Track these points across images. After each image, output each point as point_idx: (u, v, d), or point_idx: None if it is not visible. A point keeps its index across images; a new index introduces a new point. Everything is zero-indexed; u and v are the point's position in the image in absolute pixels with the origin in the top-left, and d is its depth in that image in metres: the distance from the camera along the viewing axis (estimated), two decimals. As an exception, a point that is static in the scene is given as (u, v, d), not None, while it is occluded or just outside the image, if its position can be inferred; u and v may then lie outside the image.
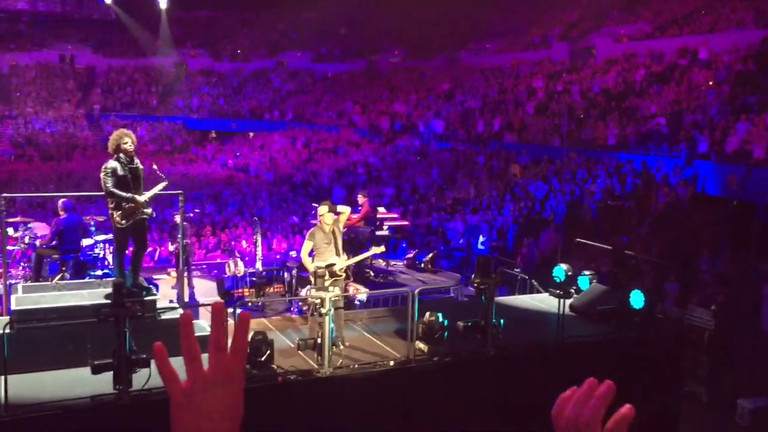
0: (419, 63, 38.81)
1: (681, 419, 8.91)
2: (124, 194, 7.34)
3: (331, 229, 8.24)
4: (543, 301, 9.90)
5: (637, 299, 8.54)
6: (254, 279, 11.93)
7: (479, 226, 17.73)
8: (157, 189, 7.79)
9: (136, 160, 7.66)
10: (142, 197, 7.50)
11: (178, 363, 1.11)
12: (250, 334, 6.79)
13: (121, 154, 7.47)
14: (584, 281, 9.80)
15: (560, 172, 20.18)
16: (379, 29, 41.12)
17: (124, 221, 7.42)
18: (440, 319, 7.53)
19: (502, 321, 7.69)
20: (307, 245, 8.23)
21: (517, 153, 23.45)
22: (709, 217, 15.74)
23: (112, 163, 7.41)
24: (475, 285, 7.87)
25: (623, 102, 23.27)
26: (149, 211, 7.67)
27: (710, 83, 21.24)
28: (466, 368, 7.60)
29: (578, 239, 11.81)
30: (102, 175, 7.39)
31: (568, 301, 9.12)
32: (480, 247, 16.56)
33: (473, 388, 7.51)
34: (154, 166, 7.92)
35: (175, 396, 1.05)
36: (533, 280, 10.67)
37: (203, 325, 7.88)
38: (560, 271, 9.78)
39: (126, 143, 7.50)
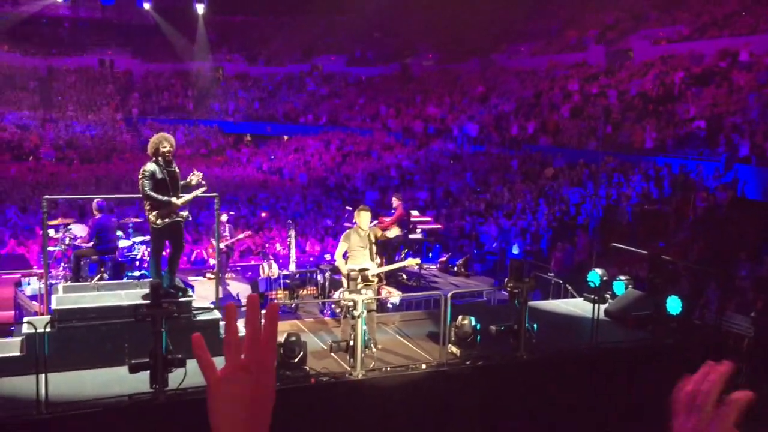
0: (453, 66, 38.72)
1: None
2: (160, 197, 7.45)
3: (366, 234, 8.26)
4: (577, 306, 9.81)
5: (674, 305, 8.41)
6: (288, 281, 12.02)
7: (513, 230, 17.63)
8: (194, 194, 7.87)
9: (174, 164, 7.78)
10: (179, 200, 7.61)
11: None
12: (283, 336, 6.86)
13: (160, 158, 7.58)
14: (620, 286, 9.69)
15: (596, 175, 19.96)
16: (413, 32, 41.12)
17: (160, 222, 7.54)
18: (473, 322, 7.51)
19: (535, 325, 7.64)
20: (341, 247, 8.27)
21: (552, 156, 23.25)
22: (749, 222, 15.41)
23: (150, 166, 7.52)
24: (509, 289, 7.83)
25: (661, 105, 22.92)
26: (185, 213, 7.78)
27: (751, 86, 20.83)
28: (498, 373, 7.56)
29: (614, 244, 11.66)
30: (140, 177, 7.51)
31: (603, 306, 9.03)
32: (514, 252, 16.46)
33: (506, 392, 7.47)
34: (196, 174, 7.95)
35: (212, 384, 1.11)
36: (567, 285, 10.57)
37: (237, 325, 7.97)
38: (595, 275, 9.68)
39: (165, 147, 7.61)
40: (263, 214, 19.69)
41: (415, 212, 14.49)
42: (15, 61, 42.91)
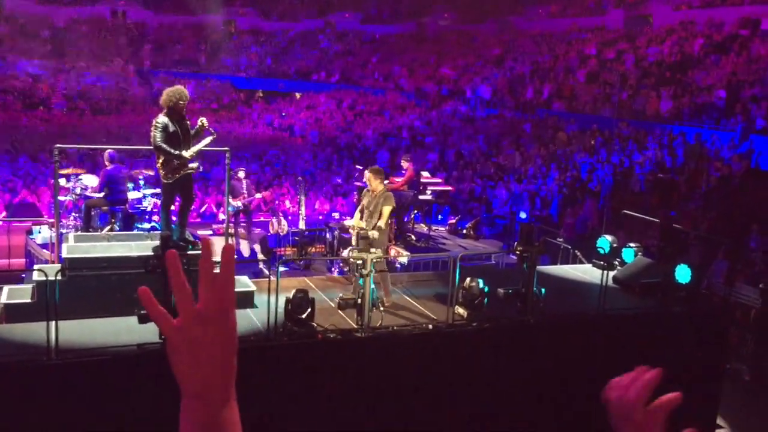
0: (469, 27, 38.18)
1: (722, 397, 8.79)
2: (171, 150, 7.40)
3: (375, 195, 8.22)
4: (586, 272, 9.80)
5: (683, 274, 8.39)
6: (297, 238, 12.04)
7: (523, 194, 17.56)
8: (204, 143, 7.79)
9: (186, 118, 7.73)
10: (188, 152, 7.58)
11: None
12: (292, 292, 6.89)
13: (173, 111, 7.53)
14: (629, 254, 9.65)
15: (609, 142, 19.77)
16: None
17: (170, 176, 7.52)
18: (481, 285, 7.51)
19: (543, 290, 7.63)
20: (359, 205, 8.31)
21: (566, 121, 23.02)
22: (762, 194, 15.29)
23: (163, 119, 7.46)
24: (518, 253, 7.81)
25: (679, 72, 22.58)
26: (195, 165, 7.76)
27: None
28: (505, 335, 7.59)
29: (625, 211, 11.59)
30: (152, 129, 7.45)
31: (612, 273, 9.01)
32: (522, 216, 16.42)
33: (511, 355, 7.51)
34: (203, 121, 7.91)
35: (169, 333, 1.07)
36: (576, 251, 10.55)
37: (246, 281, 8.02)
38: (605, 242, 9.64)
39: (181, 102, 7.55)
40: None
41: (425, 173, 14.41)
42: (28, 8, 42.56)
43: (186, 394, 1.08)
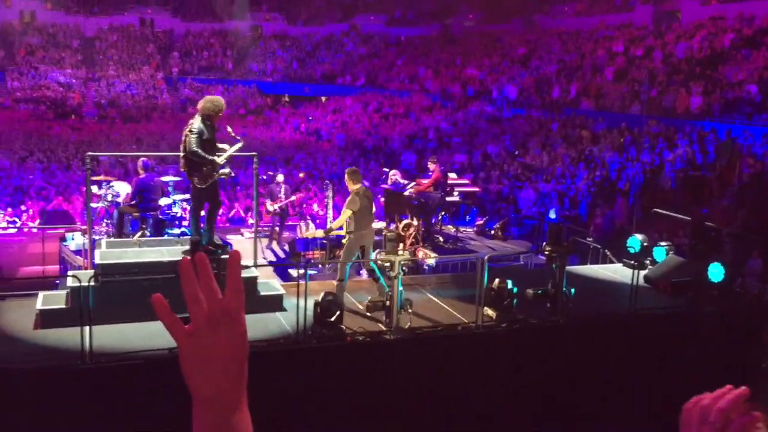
0: (494, 27, 38.03)
1: (758, 396, 8.63)
2: (206, 156, 7.53)
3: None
4: (616, 272, 9.70)
5: (716, 272, 8.26)
6: (325, 241, 12.08)
7: (551, 194, 17.43)
8: (233, 150, 7.93)
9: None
10: (221, 158, 7.70)
11: (246, 321, 1.12)
12: (320, 295, 6.92)
13: (209, 119, 7.65)
14: (660, 252, 9.54)
15: (638, 140, 19.55)
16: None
17: (202, 181, 7.63)
18: (509, 286, 7.48)
19: (572, 290, 7.57)
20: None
21: (594, 120, 22.81)
22: (797, 190, 14.99)
23: (199, 125, 7.58)
24: (546, 253, 7.76)
25: (708, 68, 22.24)
26: (227, 170, 7.87)
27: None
28: (534, 336, 7.54)
29: (655, 209, 11.45)
30: (188, 134, 7.55)
31: (643, 272, 8.91)
32: (551, 217, 16.30)
33: (541, 355, 7.46)
34: (229, 129, 8.06)
35: (181, 341, 1.09)
36: (606, 250, 10.44)
37: (275, 284, 8.07)
38: (635, 241, 9.53)
39: (219, 112, 7.72)
40: (301, 175, 19.76)
41: (452, 175, 14.37)
42: (58, 19, 43.39)
43: (197, 399, 1.09)
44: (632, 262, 9.09)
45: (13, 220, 15.20)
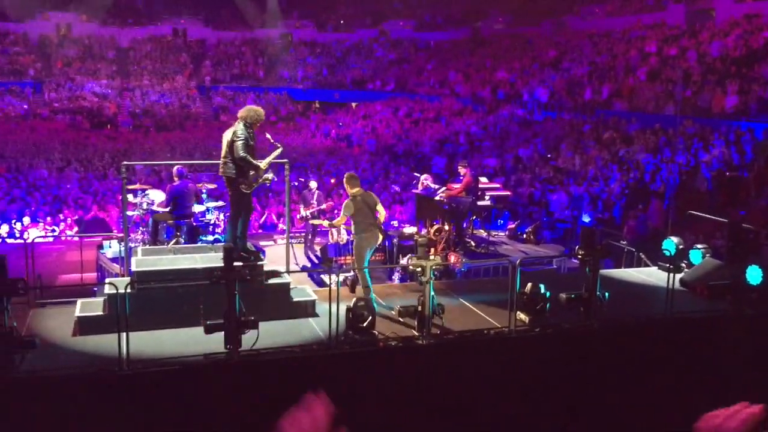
0: (524, 29, 37.83)
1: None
2: (253, 161, 7.75)
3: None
4: (651, 275, 9.57)
5: (754, 275, 8.10)
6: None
7: (584, 197, 17.26)
8: (273, 156, 8.16)
9: None
10: (264, 163, 7.93)
11: (279, 327, 1.15)
12: (352, 301, 6.94)
13: (251, 126, 7.83)
14: (696, 255, 9.39)
15: (673, 141, 19.26)
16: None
17: (248, 187, 7.83)
18: (542, 290, 7.42)
19: (606, 294, 7.49)
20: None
21: (627, 121, 22.53)
22: (839, 190, 14.63)
23: (244, 131, 7.74)
24: (579, 257, 7.69)
25: (744, 67, 21.84)
26: (270, 176, 8.08)
27: None
28: (568, 340, 7.47)
29: (691, 211, 11.27)
30: (236, 141, 7.69)
31: (678, 276, 8.78)
32: (585, 220, 16.14)
33: (575, 360, 7.39)
34: (268, 135, 8.23)
35: None
36: (641, 254, 10.31)
37: (308, 290, 8.13)
38: (671, 244, 9.40)
39: (260, 121, 7.93)
40: (332, 180, 19.85)
41: (483, 179, 14.33)
42: (94, 31, 44.25)
43: None
44: (668, 265, 8.96)
45: (52, 228, 15.53)
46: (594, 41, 31.35)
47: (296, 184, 15.18)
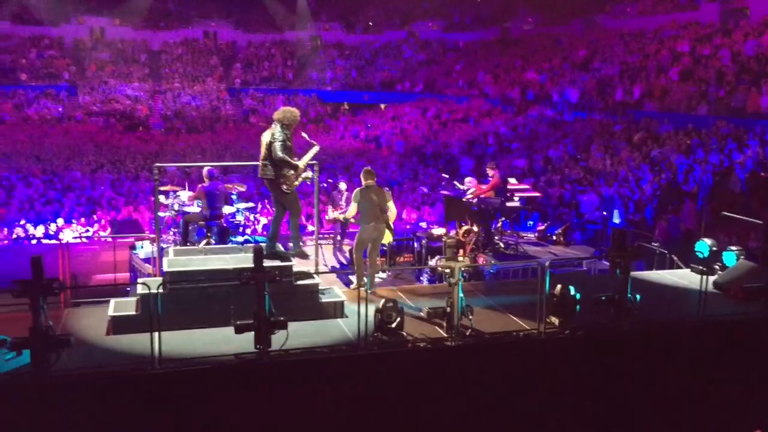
0: (554, 29, 37.52)
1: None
2: (292, 161, 7.93)
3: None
4: (683, 277, 9.44)
5: (790, 278, 7.95)
6: (385, 248, 12.14)
7: (614, 198, 17.07)
8: (311, 154, 8.35)
9: None
10: (302, 162, 8.11)
11: (308, 327, 1.16)
12: (381, 302, 6.96)
13: (287, 127, 7.99)
14: (730, 257, 9.24)
15: (706, 141, 18.97)
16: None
17: (288, 187, 7.98)
18: (572, 292, 7.37)
19: (638, 296, 7.40)
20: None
21: (659, 121, 22.25)
22: None
23: (281, 133, 7.91)
24: (610, 258, 7.61)
25: (779, 65, 21.44)
26: (309, 174, 8.28)
27: None
28: (598, 343, 7.40)
29: (724, 213, 11.10)
30: (274, 142, 7.86)
31: (712, 278, 8.65)
32: (615, 221, 15.97)
33: (605, 363, 7.32)
34: (304, 134, 8.35)
35: None
36: (673, 255, 10.18)
37: (337, 291, 8.17)
38: (704, 246, 9.27)
39: (296, 122, 8.11)
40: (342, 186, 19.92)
41: (512, 180, 14.25)
42: (126, 34, 44.93)
43: None
44: (701, 267, 8.84)
45: (86, 229, 15.80)
46: (625, 41, 31.00)
47: (325, 185, 15.24)
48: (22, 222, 15.98)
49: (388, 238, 9.49)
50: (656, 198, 16.81)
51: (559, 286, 7.44)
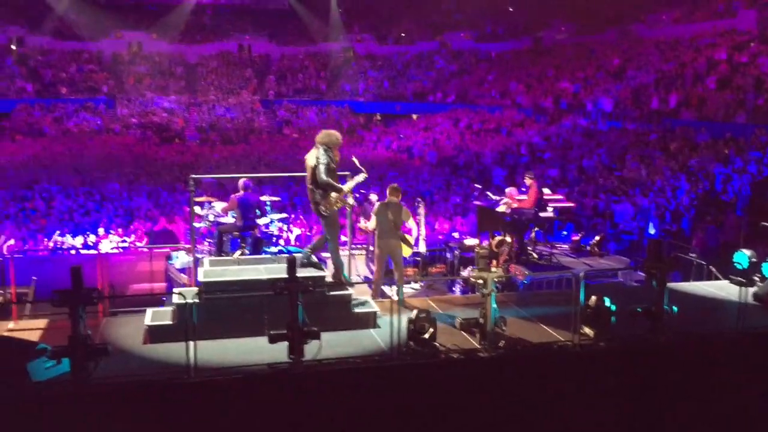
0: (588, 38, 37.24)
1: None
2: (335, 184, 8.01)
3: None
4: (722, 289, 9.27)
5: (832, 290, 7.76)
6: (418, 259, 12.15)
7: (650, 208, 16.84)
8: (356, 180, 8.39)
9: None
10: (347, 186, 8.17)
11: (341, 337, 1.17)
12: (414, 313, 6.96)
13: (330, 150, 8.07)
14: (770, 269, 9.05)
15: (744, 150, 18.63)
16: (546, 4, 39.81)
17: (328, 209, 8.01)
18: (608, 303, 7.28)
19: (674, 308, 7.29)
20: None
21: (696, 130, 21.92)
22: None
23: (324, 156, 7.98)
24: (646, 269, 7.51)
25: (821, 72, 21.01)
26: (351, 201, 8.33)
27: None
28: (634, 355, 7.30)
29: (764, 223, 10.87)
30: (318, 165, 7.95)
31: (751, 290, 8.48)
32: (651, 231, 15.74)
33: (641, 375, 7.21)
34: (354, 160, 8.40)
35: None
36: (711, 266, 10.00)
37: (370, 301, 8.19)
38: (743, 257, 9.09)
39: (338, 145, 8.23)
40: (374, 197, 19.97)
41: (546, 190, 14.15)
42: (163, 48, 45.77)
43: None
44: (739, 278, 8.67)
45: (123, 239, 16.07)
46: (661, 49, 30.65)
47: (357, 195, 15.31)
48: (56, 233, 16.27)
49: (407, 251, 9.85)
50: (693, 208, 16.55)
51: (594, 297, 7.36)
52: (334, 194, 8.03)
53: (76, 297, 6.05)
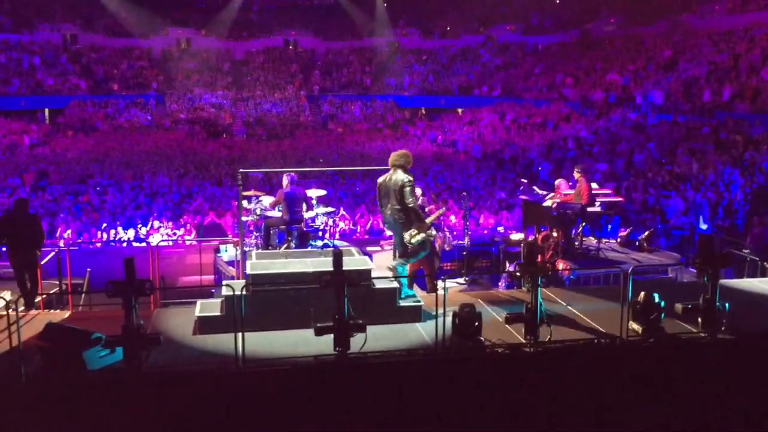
0: (638, 29, 36.48)
1: None
2: (421, 214, 8.17)
3: None
4: (776, 286, 9.03)
5: None
6: (463, 253, 12.12)
7: (702, 203, 16.46)
8: (437, 214, 8.87)
9: None
10: (429, 220, 8.38)
11: (386, 330, 1.19)
12: (459, 307, 6.96)
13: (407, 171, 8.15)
14: (828, 265, 8.78)
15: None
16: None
17: (415, 242, 8.02)
18: (656, 299, 7.16)
19: (726, 305, 7.13)
20: None
21: (750, 123, 21.30)
22: None
23: (408, 176, 8.07)
24: (697, 265, 7.36)
25: None
26: (433, 233, 8.55)
27: None
28: (683, 352, 7.16)
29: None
30: (407, 188, 8.03)
31: (807, 287, 8.24)
32: (702, 227, 15.39)
33: (691, 373, 7.07)
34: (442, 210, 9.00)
35: None
36: (765, 263, 9.74)
37: (415, 295, 8.20)
38: (798, 253, 8.84)
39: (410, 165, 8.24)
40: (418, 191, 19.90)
41: (593, 184, 13.94)
42: (211, 45, 46.48)
43: None
44: (795, 275, 8.44)
45: (173, 232, 16.41)
46: (713, 40, 29.86)
47: (421, 191, 15.33)
48: (103, 226, 16.68)
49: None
50: (748, 203, 16.11)
51: (642, 293, 7.25)
52: (419, 223, 8.01)
53: (130, 287, 6.22)
